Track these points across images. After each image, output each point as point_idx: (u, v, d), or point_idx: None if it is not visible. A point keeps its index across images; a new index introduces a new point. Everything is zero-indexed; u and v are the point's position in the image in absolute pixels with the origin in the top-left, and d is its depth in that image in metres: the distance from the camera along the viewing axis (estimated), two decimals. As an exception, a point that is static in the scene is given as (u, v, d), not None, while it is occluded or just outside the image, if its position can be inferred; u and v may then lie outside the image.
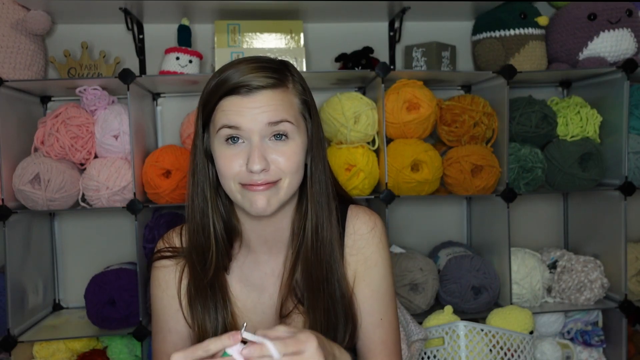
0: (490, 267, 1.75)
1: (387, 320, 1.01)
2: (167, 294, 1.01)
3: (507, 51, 1.80)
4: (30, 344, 1.69)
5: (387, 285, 1.02)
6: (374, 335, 1.00)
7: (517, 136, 1.75)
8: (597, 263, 1.80)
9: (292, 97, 0.91)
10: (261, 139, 0.87)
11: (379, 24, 1.94)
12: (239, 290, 1.01)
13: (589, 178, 1.73)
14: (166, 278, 1.01)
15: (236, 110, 0.86)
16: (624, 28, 1.77)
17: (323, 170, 0.96)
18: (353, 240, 1.01)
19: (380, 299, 1.01)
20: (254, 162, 0.85)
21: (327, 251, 0.96)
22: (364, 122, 1.66)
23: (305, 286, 0.96)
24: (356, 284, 1.00)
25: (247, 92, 0.87)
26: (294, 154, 0.89)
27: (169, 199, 1.61)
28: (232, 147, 0.88)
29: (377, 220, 1.03)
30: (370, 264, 1.01)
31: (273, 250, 1.01)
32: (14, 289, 1.58)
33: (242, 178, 0.88)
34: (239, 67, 0.88)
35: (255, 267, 1.01)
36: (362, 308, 1.00)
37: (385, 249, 1.02)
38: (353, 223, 1.02)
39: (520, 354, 1.57)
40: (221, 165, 0.89)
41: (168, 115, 1.89)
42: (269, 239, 1.00)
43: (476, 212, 1.97)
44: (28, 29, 1.65)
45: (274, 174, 0.88)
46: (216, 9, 1.73)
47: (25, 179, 1.56)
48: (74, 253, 1.89)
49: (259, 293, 1.01)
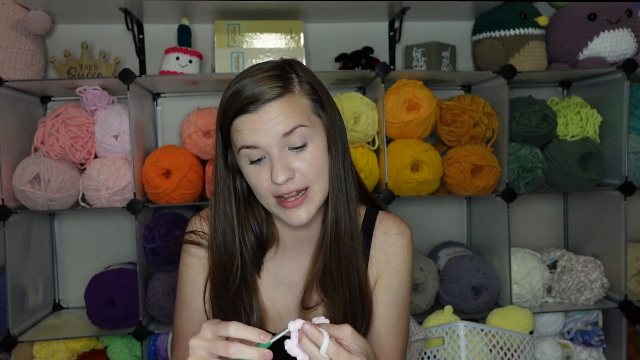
0: (490, 267, 1.75)
1: (399, 328, 1.02)
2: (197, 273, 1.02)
3: (507, 51, 1.80)
4: (30, 344, 1.69)
5: (405, 293, 1.03)
6: (384, 340, 1.01)
7: (517, 136, 1.75)
8: (597, 263, 1.80)
9: (300, 99, 0.90)
10: (280, 150, 0.88)
11: (379, 24, 1.94)
12: (268, 286, 1.02)
13: (589, 178, 1.73)
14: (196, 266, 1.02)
15: (249, 129, 0.87)
16: (624, 28, 1.77)
17: (342, 165, 0.94)
18: (380, 246, 1.02)
19: (397, 305, 1.02)
20: (277, 175, 0.86)
21: (346, 244, 0.96)
22: (364, 122, 1.66)
23: (326, 279, 0.97)
24: (377, 286, 1.01)
25: (256, 108, 0.87)
26: (315, 158, 0.89)
27: (169, 199, 1.61)
28: (257, 165, 0.90)
29: (405, 228, 1.05)
30: (392, 269, 1.01)
31: (305, 247, 1.03)
32: (14, 289, 1.58)
33: (274, 191, 0.90)
34: (243, 82, 0.88)
35: (288, 264, 1.03)
36: (378, 311, 1.01)
37: (409, 258, 1.03)
38: (380, 229, 1.03)
39: (520, 354, 1.57)
40: (252, 183, 0.91)
41: (168, 115, 1.89)
42: (301, 238, 1.02)
43: (476, 212, 1.97)
44: (28, 29, 1.65)
45: (299, 181, 0.89)
46: (216, 9, 1.73)
47: (25, 179, 1.56)
48: (74, 253, 1.89)
49: (287, 287, 1.02)
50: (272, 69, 0.90)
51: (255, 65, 0.92)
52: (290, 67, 0.92)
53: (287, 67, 0.92)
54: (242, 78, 0.89)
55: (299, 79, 0.91)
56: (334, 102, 0.96)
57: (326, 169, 0.92)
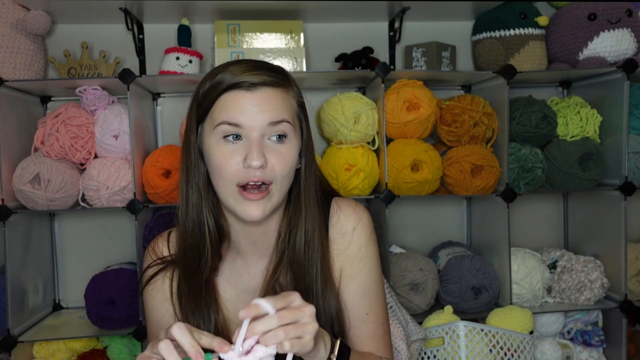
0: (490, 267, 1.75)
1: (374, 315, 1.01)
2: (160, 300, 1.01)
3: (507, 51, 1.80)
4: (30, 344, 1.69)
5: (372, 279, 1.01)
6: (360, 330, 1.00)
7: (517, 136, 1.75)
8: (597, 263, 1.80)
9: (291, 99, 0.93)
10: (261, 136, 0.88)
11: (379, 24, 1.94)
12: (228, 293, 1.01)
13: (589, 178, 1.73)
14: (157, 289, 1.01)
15: (238, 106, 0.86)
16: (624, 28, 1.77)
17: (309, 172, 0.96)
18: (337, 235, 1.00)
19: (365, 294, 1.00)
20: (252, 158, 0.85)
21: (316, 255, 0.96)
22: (364, 122, 1.66)
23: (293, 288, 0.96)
24: (342, 279, 1.00)
25: (250, 87, 0.87)
26: (290, 156, 0.90)
27: (168, 199, 1.61)
28: (230, 144, 0.88)
29: (362, 213, 1.02)
30: (355, 259, 1.00)
31: (261, 253, 1.01)
32: (14, 289, 1.58)
33: (240, 177, 0.87)
34: (239, 64, 0.89)
35: (245, 269, 1.01)
36: (348, 303, 1.00)
37: (370, 244, 1.01)
38: (336, 217, 1.01)
39: (520, 354, 1.57)
40: (218, 162, 0.88)
41: (168, 115, 1.89)
42: (257, 241, 1.00)
43: (476, 212, 1.97)
44: (28, 29, 1.65)
45: (268, 173, 0.88)
46: (216, 9, 1.73)
47: (25, 179, 1.56)
48: (74, 253, 1.89)
49: (247, 295, 1.01)
50: (272, 66, 0.93)
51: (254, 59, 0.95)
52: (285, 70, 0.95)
53: (282, 68, 0.95)
54: (241, 61, 0.91)
55: (291, 82, 0.95)
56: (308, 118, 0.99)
57: (292, 172, 0.92)
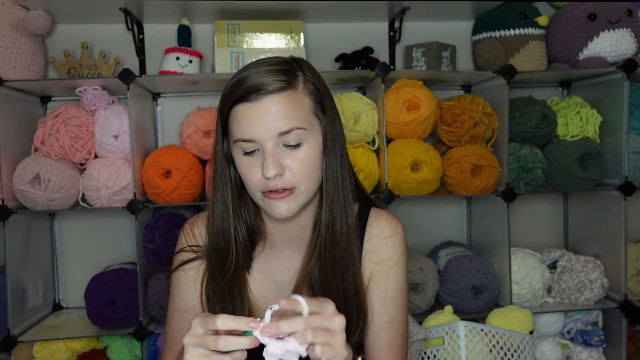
0: (490, 267, 1.75)
1: (396, 324, 1.02)
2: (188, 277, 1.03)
3: (507, 51, 1.80)
4: (30, 344, 1.69)
5: (399, 289, 1.03)
6: (381, 337, 1.01)
7: (517, 136, 1.75)
8: (597, 263, 1.80)
9: (302, 97, 0.90)
10: (274, 145, 0.88)
11: (379, 24, 1.94)
12: (259, 285, 1.02)
13: (589, 178, 1.73)
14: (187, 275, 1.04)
15: (248, 120, 0.87)
16: (624, 28, 1.77)
17: (339, 168, 0.95)
18: (373, 243, 1.02)
19: (392, 302, 1.02)
20: (267, 169, 0.86)
21: (342, 247, 0.97)
22: (364, 122, 1.66)
23: (320, 281, 0.98)
24: (370, 284, 1.02)
25: (257, 98, 0.87)
26: (307, 158, 0.90)
27: (169, 199, 1.61)
28: (249, 157, 0.90)
29: (399, 225, 1.04)
30: (386, 267, 1.02)
31: (295, 247, 1.02)
32: (14, 289, 1.58)
33: (262, 187, 0.90)
34: (249, 71, 0.89)
35: (278, 262, 1.03)
36: (373, 309, 1.01)
37: (403, 255, 1.04)
38: (374, 226, 1.03)
39: (520, 354, 1.57)
40: (244, 176, 0.92)
41: (168, 115, 1.89)
42: (291, 237, 1.02)
43: (476, 212, 1.97)
44: (28, 29, 1.65)
45: (287, 180, 0.89)
46: (216, 9, 1.73)
47: (25, 179, 1.56)
48: (74, 253, 1.89)
49: (278, 287, 1.02)
50: (278, 64, 0.90)
51: (263, 58, 0.93)
52: (297, 65, 0.92)
53: (294, 64, 0.92)
54: (248, 68, 0.90)
55: (304, 77, 0.91)
56: (335, 108, 0.97)
57: (317, 171, 0.92)
